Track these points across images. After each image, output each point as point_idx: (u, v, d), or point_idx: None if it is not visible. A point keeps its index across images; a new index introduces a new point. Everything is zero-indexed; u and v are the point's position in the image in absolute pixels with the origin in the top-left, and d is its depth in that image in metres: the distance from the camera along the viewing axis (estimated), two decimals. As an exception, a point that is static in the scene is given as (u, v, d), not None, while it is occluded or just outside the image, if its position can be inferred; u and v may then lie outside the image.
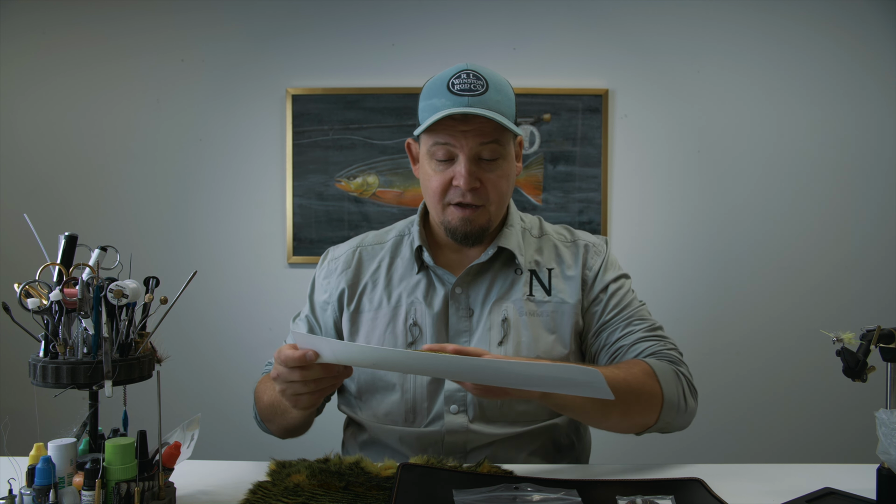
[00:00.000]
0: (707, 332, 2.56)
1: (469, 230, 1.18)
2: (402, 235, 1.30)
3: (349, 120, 2.54)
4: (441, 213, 1.19)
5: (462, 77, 1.13)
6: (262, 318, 2.54)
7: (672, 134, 2.57)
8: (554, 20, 2.55)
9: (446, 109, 1.10)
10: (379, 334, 1.22)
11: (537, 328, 1.19)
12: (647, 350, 1.17)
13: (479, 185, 1.15)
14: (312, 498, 0.91)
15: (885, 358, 0.90)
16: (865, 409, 1.21)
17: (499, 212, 1.21)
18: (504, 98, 1.15)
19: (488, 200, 1.17)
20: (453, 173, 1.14)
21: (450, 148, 1.13)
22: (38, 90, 2.57)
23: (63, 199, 2.57)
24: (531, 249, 1.27)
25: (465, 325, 1.21)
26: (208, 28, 2.58)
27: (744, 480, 1.01)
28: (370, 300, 1.25)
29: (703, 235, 2.58)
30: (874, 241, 2.55)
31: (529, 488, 0.92)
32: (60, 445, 0.80)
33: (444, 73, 1.16)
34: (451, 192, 1.16)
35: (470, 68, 1.14)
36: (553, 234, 1.31)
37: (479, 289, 1.22)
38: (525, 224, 1.31)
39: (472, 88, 1.12)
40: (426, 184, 1.20)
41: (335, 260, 1.31)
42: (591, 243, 1.29)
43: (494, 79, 1.15)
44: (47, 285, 0.85)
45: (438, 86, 1.14)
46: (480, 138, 1.12)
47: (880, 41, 2.52)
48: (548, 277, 1.24)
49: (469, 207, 1.16)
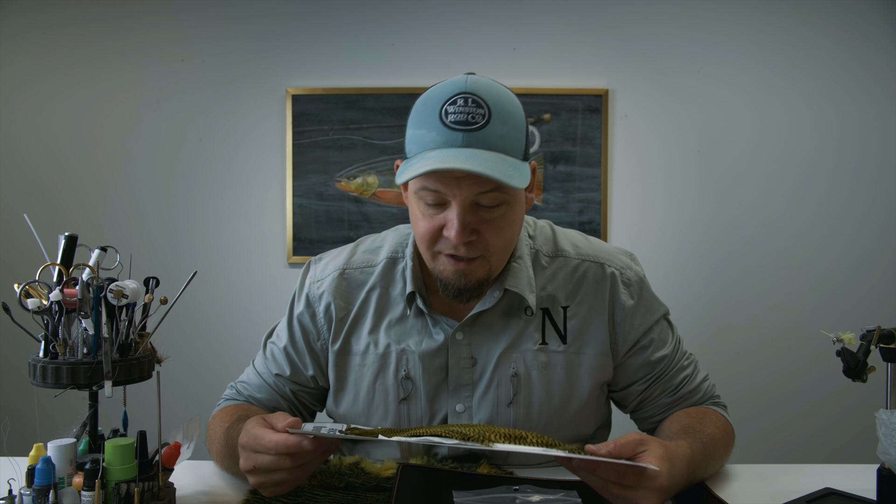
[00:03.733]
0: (707, 332, 2.56)
1: (463, 285, 0.97)
2: (393, 258, 1.10)
3: (349, 120, 2.54)
4: (431, 260, 0.99)
5: (458, 104, 0.90)
6: (262, 318, 2.53)
7: (672, 134, 2.57)
8: (554, 20, 2.55)
9: (433, 156, 0.88)
10: (367, 386, 1.08)
11: (550, 384, 1.05)
12: (707, 394, 1.14)
13: (476, 235, 0.94)
14: (312, 498, 0.91)
15: (886, 358, 0.90)
16: (865, 409, 1.21)
17: (500, 263, 1.00)
18: (511, 130, 0.92)
19: (488, 251, 0.95)
20: (444, 220, 0.93)
21: (440, 195, 0.92)
22: (38, 90, 2.57)
23: (63, 199, 2.57)
24: (543, 278, 1.07)
25: (466, 377, 1.05)
26: (208, 28, 2.58)
27: (744, 480, 1.01)
28: (357, 340, 1.09)
29: (702, 235, 2.57)
30: (874, 241, 2.55)
31: (529, 489, 0.92)
32: (60, 446, 0.80)
33: (439, 90, 0.93)
34: (442, 241, 0.95)
35: (468, 92, 0.90)
36: (570, 250, 1.10)
37: (483, 335, 1.05)
38: (535, 242, 1.10)
39: (471, 121, 0.89)
40: (414, 224, 0.99)
41: (318, 284, 1.12)
42: (618, 270, 1.09)
43: (499, 104, 0.91)
44: (47, 285, 0.85)
45: (430, 112, 0.92)
46: (478, 187, 0.90)
47: (880, 41, 2.52)
48: (563, 319, 1.06)
49: (464, 260, 0.95)
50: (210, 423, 1.10)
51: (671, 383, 1.11)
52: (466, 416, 1.06)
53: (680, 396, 1.11)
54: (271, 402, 1.14)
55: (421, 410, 1.07)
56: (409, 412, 1.07)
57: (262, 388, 1.15)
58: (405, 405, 1.07)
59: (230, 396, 1.18)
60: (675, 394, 1.11)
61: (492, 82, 0.95)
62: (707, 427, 1.02)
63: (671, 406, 1.11)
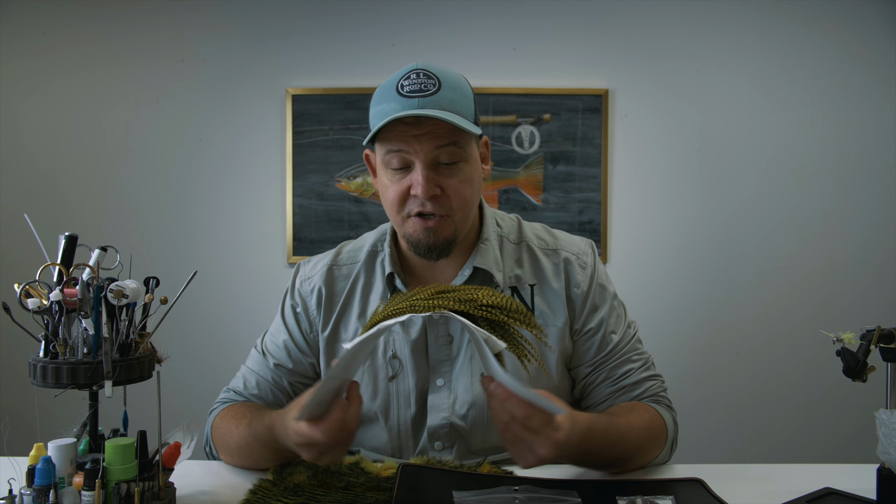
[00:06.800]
0: (707, 332, 2.56)
1: (433, 242, 1.06)
2: (374, 251, 1.19)
3: (349, 120, 2.54)
4: (402, 224, 1.08)
5: (412, 78, 1.04)
6: (261, 318, 2.52)
7: (672, 134, 2.57)
8: (554, 20, 2.55)
9: (394, 114, 1.00)
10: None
11: None
12: (648, 392, 1.13)
13: (440, 192, 1.04)
14: (312, 498, 0.91)
15: (885, 358, 0.90)
16: (865, 409, 1.21)
17: (465, 220, 1.09)
18: (460, 96, 1.04)
19: (451, 209, 1.05)
20: (410, 181, 1.04)
21: (404, 155, 1.03)
22: (38, 90, 2.57)
23: (63, 199, 2.57)
24: (510, 261, 1.16)
25: (445, 353, 1.12)
26: (208, 28, 2.58)
27: (744, 480, 1.01)
28: (345, 328, 1.16)
29: (702, 235, 2.58)
30: (874, 241, 2.55)
31: (529, 489, 0.92)
32: (60, 445, 0.80)
33: (394, 75, 1.07)
34: (410, 201, 1.05)
35: (420, 67, 1.05)
36: (533, 238, 1.19)
37: None
38: (502, 229, 1.19)
39: (423, 89, 1.02)
40: (384, 195, 1.10)
41: (308, 280, 1.19)
42: (573, 255, 1.17)
43: (448, 77, 1.05)
44: (47, 285, 0.85)
45: (387, 89, 1.05)
46: (436, 141, 1.02)
47: (880, 41, 2.52)
48: (530, 295, 1.14)
49: (431, 217, 1.05)
50: (216, 423, 1.12)
51: (614, 372, 1.13)
52: (446, 389, 1.12)
53: (621, 388, 1.13)
54: (271, 399, 1.17)
55: (408, 387, 1.12)
56: (398, 389, 1.13)
57: (260, 385, 1.17)
58: (394, 383, 1.13)
59: (228, 399, 1.19)
60: (617, 384, 1.13)
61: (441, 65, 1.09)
62: (628, 415, 1.04)
63: (612, 396, 1.13)
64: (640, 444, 1.04)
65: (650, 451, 1.07)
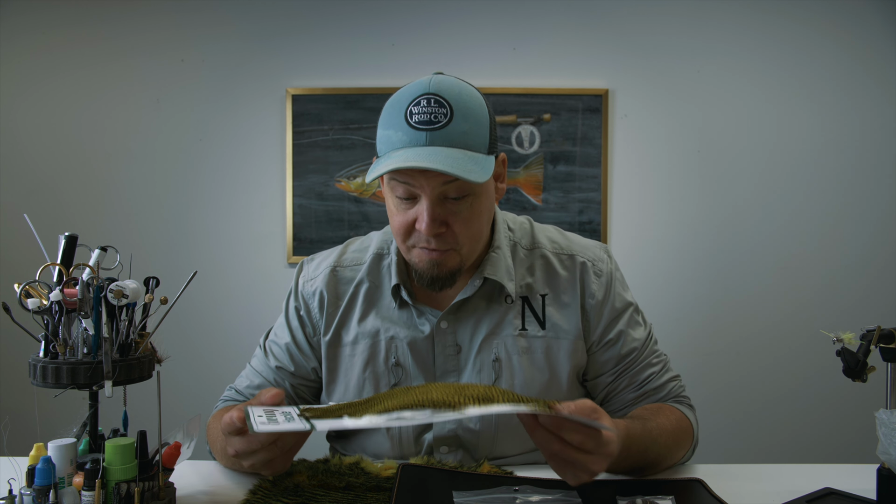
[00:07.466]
0: (707, 332, 2.56)
1: (436, 273, 1.02)
2: (379, 254, 1.16)
3: (349, 120, 2.54)
4: (407, 252, 1.05)
5: (422, 105, 0.95)
6: (261, 318, 2.53)
7: (672, 134, 2.57)
8: (554, 20, 2.55)
9: (398, 155, 0.94)
10: (357, 374, 1.11)
11: (531, 368, 1.09)
12: (671, 393, 1.13)
13: (446, 228, 0.99)
14: (312, 498, 0.91)
15: (885, 358, 0.90)
16: (865, 409, 1.21)
17: (472, 253, 1.05)
18: (473, 126, 0.97)
19: (458, 244, 1.01)
20: (416, 214, 0.99)
21: (409, 188, 0.98)
22: (38, 90, 2.57)
23: (63, 199, 2.57)
24: (522, 269, 1.12)
25: (452, 363, 1.10)
26: (208, 28, 2.58)
27: (744, 480, 1.01)
28: (347, 332, 1.13)
29: (703, 235, 2.58)
30: (874, 241, 2.55)
31: (529, 489, 0.92)
32: (60, 445, 0.80)
33: (405, 92, 0.98)
34: (415, 235, 1.01)
35: (431, 92, 0.95)
36: (547, 243, 1.15)
37: (466, 323, 1.10)
38: (514, 234, 1.15)
39: (433, 120, 0.94)
40: (390, 218, 1.05)
41: (311, 281, 1.17)
42: (589, 261, 1.13)
43: (462, 102, 0.96)
44: (47, 285, 0.85)
45: (396, 113, 0.97)
46: (443, 177, 0.95)
47: (880, 41, 2.52)
48: (541, 305, 1.11)
49: (437, 250, 1.01)
50: (210, 423, 1.13)
51: (637, 378, 1.12)
52: None
53: (644, 392, 1.12)
54: None
55: None
56: None
57: (262, 386, 1.16)
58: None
59: (229, 398, 1.19)
60: (640, 389, 1.12)
61: (456, 81, 1.00)
62: (657, 417, 1.03)
63: (635, 402, 1.12)
64: (670, 447, 1.04)
65: (678, 453, 1.06)
